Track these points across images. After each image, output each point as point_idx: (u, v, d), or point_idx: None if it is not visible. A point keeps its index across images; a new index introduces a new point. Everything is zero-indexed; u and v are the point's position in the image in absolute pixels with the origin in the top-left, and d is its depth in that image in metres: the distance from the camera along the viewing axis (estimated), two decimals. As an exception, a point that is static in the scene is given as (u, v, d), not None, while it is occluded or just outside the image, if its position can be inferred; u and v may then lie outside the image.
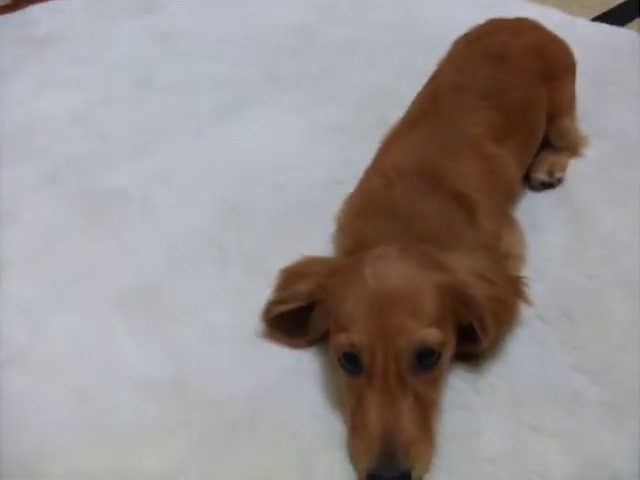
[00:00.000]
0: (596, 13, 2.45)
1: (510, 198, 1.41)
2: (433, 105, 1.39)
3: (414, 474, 0.94)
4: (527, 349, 1.18)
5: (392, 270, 1.04)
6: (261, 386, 1.13)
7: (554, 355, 1.17)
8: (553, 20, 2.27)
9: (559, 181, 1.53)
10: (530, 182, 1.53)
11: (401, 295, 1.00)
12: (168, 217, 1.48)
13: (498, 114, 1.36)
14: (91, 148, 1.71)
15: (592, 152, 1.64)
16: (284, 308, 1.14)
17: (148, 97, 1.93)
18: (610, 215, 1.45)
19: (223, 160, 1.64)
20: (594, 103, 1.81)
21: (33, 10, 2.53)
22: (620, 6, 2.53)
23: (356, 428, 0.99)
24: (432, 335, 1.00)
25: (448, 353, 1.06)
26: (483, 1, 2.45)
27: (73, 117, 1.85)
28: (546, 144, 1.60)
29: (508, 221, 1.32)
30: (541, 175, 1.52)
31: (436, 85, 1.46)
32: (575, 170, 1.58)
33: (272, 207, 1.48)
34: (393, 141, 1.35)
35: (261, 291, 1.27)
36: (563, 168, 1.55)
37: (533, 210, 1.47)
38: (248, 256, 1.37)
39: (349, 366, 1.02)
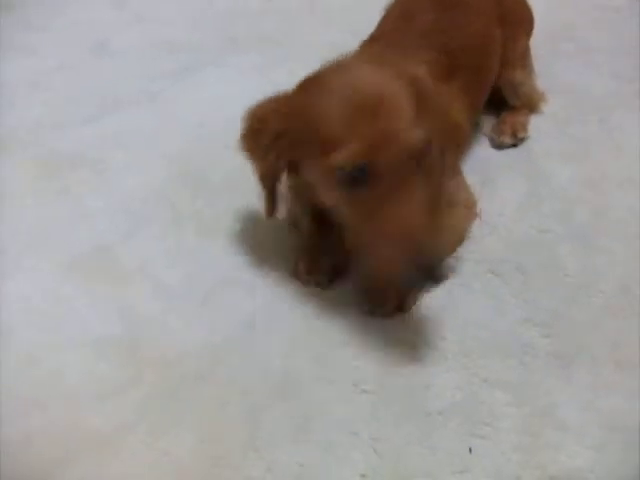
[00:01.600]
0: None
1: (456, 143, 1.37)
2: (378, 47, 1.36)
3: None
4: (480, 303, 1.19)
5: (363, 76, 1.02)
6: (211, 343, 1.13)
7: (506, 308, 1.18)
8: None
9: (522, 140, 1.53)
10: (494, 143, 1.53)
11: (383, 100, 0.98)
12: (122, 180, 1.46)
13: (440, 54, 1.31)
14: (46, 113, 1.68)
15: (549, 108, 1.64)
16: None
17: (103, 62, 1.89)
18: (565, 170, 1.46)
19: (178, 122, 1.62)
20: (551, 60, 1.81)
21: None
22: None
23: (378, 237, 0.99)
24: (421, 134, 0.99)
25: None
26: None
27: (28, 82, 1.81)
28: (505, 104, 1.59)
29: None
30: (506, 138, 1.52)
31: (380, 30, 1.44)
32: (532, 126, 1.58)
33: (225, 167, 1.47)
34: None
35: (214, 250, 1.27)
36: (525, 128, 1.55)
37: (488, 165, 1.47)
38: (201, 216, 1.36)
39: (354, 181, 0.99)
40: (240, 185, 1.41)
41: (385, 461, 0.98)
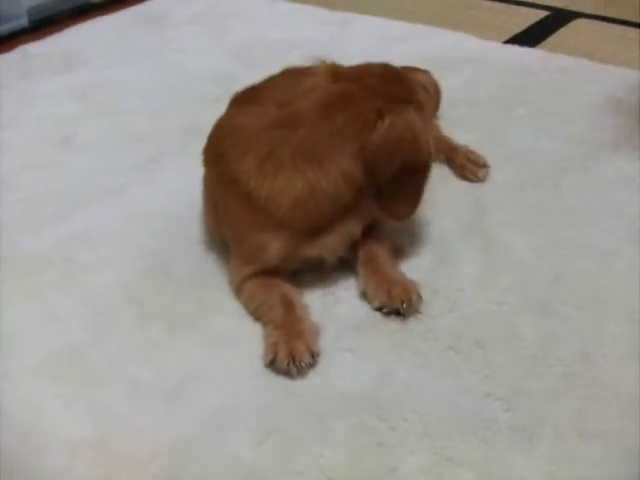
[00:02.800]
0: (509, 36, 2.54)
1: None
2: None
3: None
4: (441, 381, 1.21)
5: None
6: (182, 440, 1.14)
7: (467, 384, 1.21)
8: (468, 46, 2.38)
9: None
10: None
11: None
12: (89, 279, 1.49)
13: None
14: (15, 213, 1.71)
15: (502, 176, 1.69)
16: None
17: (70, 157, 1.94)
18: (520, 240, 1.50)
19: (144, 216, 1.66)
20: (503, 126, 1.87)
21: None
22: (532, 27, 2.62)
23: None
24: None
25: None
26: (397, 31, 2.53)
27: (-3, 182, 1.85)
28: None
29: None
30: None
31: None
32: (486, 196, 1.63)
33: (192, 261, 1.51)
34: None
35: (182, 345, 1.30)
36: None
37: (445, 241, 1.51)
38: (169, 312, 1.39)
39: None
40: (206, 279, 1.45)
41: None
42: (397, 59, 1.53)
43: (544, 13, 2.73)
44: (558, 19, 2.67)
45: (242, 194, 1.33)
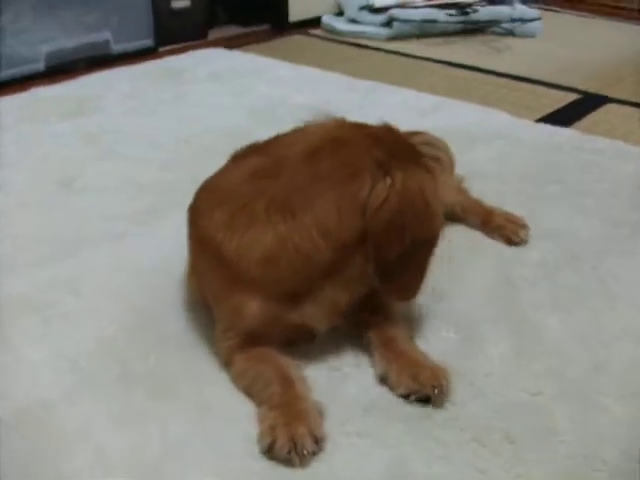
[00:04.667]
0: (540, 115, 2.44)
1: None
2: None
3: None
4: (465, 477, 1.03)
5: None
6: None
7: (495, 485, 1.02)
8: (500, 122, 2.27)
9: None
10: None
11: None
12: (71, 329, 1.33)
13: None
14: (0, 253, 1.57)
15: (536, 254, 1.54)
16: None
17: (68, 199, 1.81)
18: (555, 323, 1.34)
19: (137, 268, 1.51)
20: (536, 203, 1.73)
21: (-38, 111, 2.43)
22: (563, 108, 2.53)
23: None
24: None
25: None
26: (424, 103, 2.43)
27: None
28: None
29: None
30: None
31: None
32: (517, 274, 1.48)
33: (185, 322, 1.35)
34: None
35: (165, 414, 1.12)
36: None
37: (471, 320, 1.35)
38: (153, 375, 1.22)
39: None
40: (197, 343, 1.29)
41: None
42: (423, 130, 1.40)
43: (575, 96, 2.64)
44: (589, 103, 2.58)
45: (213, 251, 1.18)
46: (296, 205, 1.13)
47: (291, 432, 1.05)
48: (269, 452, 1.05)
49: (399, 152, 1.17)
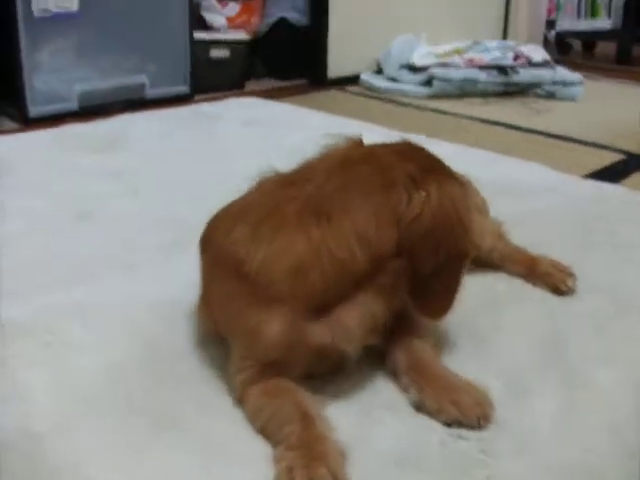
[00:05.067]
0: (584, 173, 2.32)
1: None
2: None
3: None
4: None
5: None
6: None
7: None
8: (543, 176, 2.16)
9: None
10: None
11: None
12: (71, 357, 1.22)
13: None
14: (6, 276, 1.47)
15: (584, 305, 1.41)
16: None
17: (84, 230, 1.73)
18: (609, 376, 1.20)
19: (151, 299, 1.40)
20: (583, 257, 1.60)
21: (-5, 140, 2.40)
22: (608, 167, 2.42)
23: None
24: None
25: None
26: (465, 156, 2.33)
27: (-3, 244, 1.63)
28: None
29: None
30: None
31: None
32: (565, 325, 1.34)
33: (197, 357, 1.23)
34: None
35: (167, 453, 0.99)
36: None
37: (516, 370, 1.21)
38: (160, 409, 1.09)
39: None
40: (211, 380, 1.16)
41: None
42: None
43: (619, 156, 2.53)
44: (634, 162, 2.47)
45: (231, 269, 1.07)
46: (332, 209, 1.04)
47: (310, 474, 0.91)
48: None
49: (429, 165, 1.11)
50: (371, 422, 1.08)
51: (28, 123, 2.70)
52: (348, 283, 1.05)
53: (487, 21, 4.24)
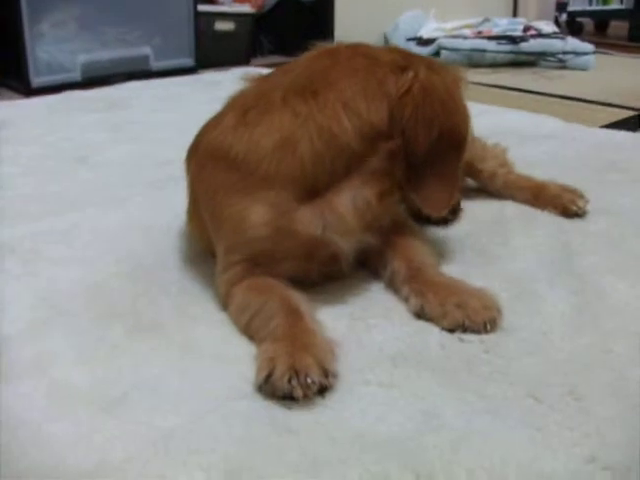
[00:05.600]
0: (598, 125, 2.24)
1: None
2: None
3: None
4: (516, 434, 0.80)
5: None
6: (106, 463, 0.74)
7: (558, 442, 0.79)
8: (553, 125, 2.08)
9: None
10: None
11: None
12: (53, 272, 1.15)
13: None
14: (-4, 207, 1.41)
15: (596, 226, 1.33)
16: None
17: (82, 171, 1.68)
18: (621, 285, 1.12)
19: (144, 225, 1.34)
20: (596, 187, 1.51)
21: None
22: (623, 121, 2.33)
23: None
24: None
25: None
26: (475, 109, 2.25)
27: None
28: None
29: None
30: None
31: None
32: (576, 241, 1.26)
33: (185, 273, 1.16)
34: None
35: (142, 351, 0.93)
36: None
37: (524, 279, 1.13)
38: (138, 315, 1.02)
39: None
40: (196, 291, 1.10)
41: None
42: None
43: (632, 112, 2.44)
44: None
45: (218, 161, 1.01)
46: (317, 86, 0.98)
47: (294, 360, 0.83)
48: (266, 384, 0.83)
49: (416, 57, 1.08)
50: (365, 327, 1.01)
51: (30, 93, 2.65)
52: (340, 161, 0.98)
53: (497, 1, 4.18)
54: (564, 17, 4.68)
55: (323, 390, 0.84)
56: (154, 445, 0.77)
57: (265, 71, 2.76)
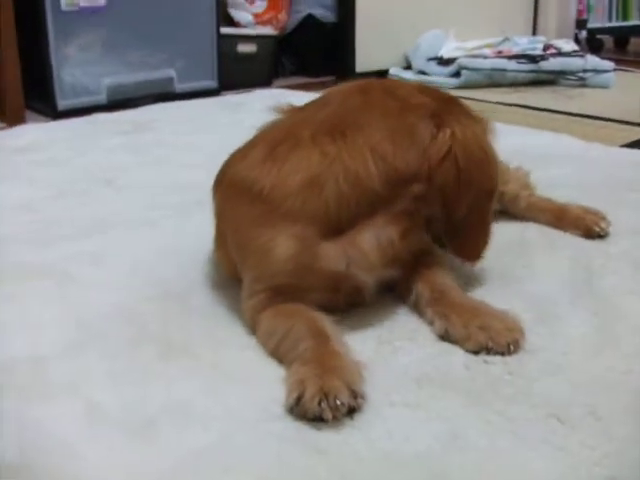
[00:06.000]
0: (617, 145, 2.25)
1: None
2: None
3: None
4: (539, 453, 0.82)
5: None
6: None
7: (579, 461, 0.81)
8: (573, 145, 2.09)
9: None
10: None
11: None
12: (84, 294, 1.19)
13: None
14: (23, 230, 1.46)
15: (616, 249, 1.34)
16: None
17: (108, 193, 1.72)
18: (644, 307, 1.13)
19: (170, 248, 1.37)
20: (616, 208, 1.52)
21: (22, 128, 2.42)
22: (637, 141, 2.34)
23: None
24: None
25: None
26: (515, 130, 2.25)
27: (18, 205, 1.62)
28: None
29: None
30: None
31: None
32: (597, 263, 1.28)
33: (213, 297, 1.19)
34: None
35: (172, 374, 0.96)
36: None
37: (546, 301, 1.15)
38: (169, 338, 1.06)
39: None
40: (225, 314, 1.13)
41: None
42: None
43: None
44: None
45: (244, 193, 1.04)
46: (347, 127, 1.01)
47: (323, 382, 0.86)
48: (297, 406, 0.86)
49: (446, 102, 1.10)
50: (391, 350, 1.03)
51: (57, 116, 2.71)
52: (364, 202, 1.01)
53: (516, 19, 4.20)
54: (584, 34, 4.69)
55: (352, 411, 0.86)
56: (186, 464, 0.80)
57: (288, 93, 2.83)
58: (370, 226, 1.02)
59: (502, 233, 1.39)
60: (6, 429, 0.86)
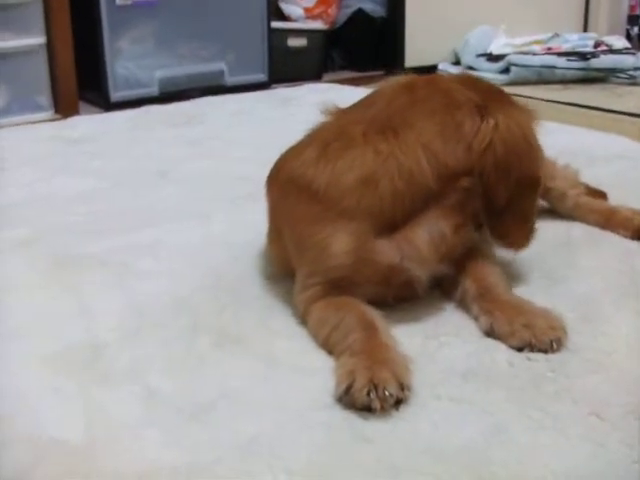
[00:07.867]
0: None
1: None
2: None
3: None
4: (579, 449, 0.85)
5: None
6: (194, 463, 0.82)
7: (619, 458, 0.83)
8: (622, 145, 2.08)
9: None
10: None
11: None
12: (142, 284, 1.24)
13: None
14: (82, 221, 1.53)
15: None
16: None
17: (164, 185, 1.78)
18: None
19: (224, 241, 1.42)
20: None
21: (76, 119, 2.50)
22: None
23: None
24: None
25: None
26: (564, 128, 2.25)
27: (76, 195, 1.69)
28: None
29: None
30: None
31: None
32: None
33: (266, 287, 1.24)
34: None
35: (228, 362, 1.01)
36: None
37: (590, 300, 1.17)
38: (223, 328, 1.11)
39: None
40: (276, 305, 1.18)
41: None
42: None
43: None
44: None
45: (299, 191, 1.08)
46: (397, 125, 1.05)
47: (372, 374, 0.90)
48: (346, 396, 0.90)
49: (492, 93, 1.13)
50: (437, 344, 1.07)
51: (109, 108, 2.79)
52: (417, 198, 1.04)
53: (567, 15, 4.15)
54: (636, 30, 4.61)
55: (399, 403, 0.90)
56: (240, 449, 0.85)
57: (337, 87, 2.86)
58: (423, 221, 1.06)
59: (547, 231, 1.41)
60: (72, 410, 0.91)
